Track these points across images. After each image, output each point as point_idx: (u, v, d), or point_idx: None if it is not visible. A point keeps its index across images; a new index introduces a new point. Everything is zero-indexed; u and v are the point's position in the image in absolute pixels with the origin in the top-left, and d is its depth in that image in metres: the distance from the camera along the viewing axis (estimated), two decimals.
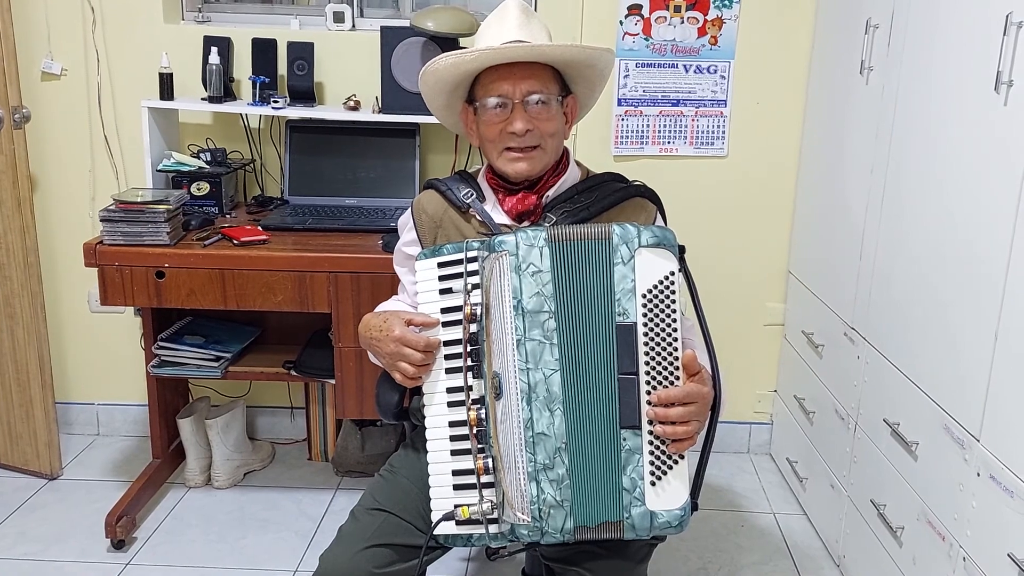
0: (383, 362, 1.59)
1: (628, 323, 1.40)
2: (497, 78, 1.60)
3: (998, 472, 1.60)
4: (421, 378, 1.52)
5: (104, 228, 2.34)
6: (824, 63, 2.65)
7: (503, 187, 1.69)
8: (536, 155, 1.63)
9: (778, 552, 2.51)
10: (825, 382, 2.52)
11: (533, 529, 1.41)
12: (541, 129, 1.61)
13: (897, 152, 2.08)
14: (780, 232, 2.91)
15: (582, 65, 1.65)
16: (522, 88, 1.59)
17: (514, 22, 1.63)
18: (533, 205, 1.65)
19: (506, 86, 1.59)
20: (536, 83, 1.60)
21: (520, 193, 1.66)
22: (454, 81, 1.65)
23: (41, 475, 2.81)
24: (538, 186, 1.67)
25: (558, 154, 1.69)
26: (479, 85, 1.64)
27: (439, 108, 1.74)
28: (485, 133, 1.65)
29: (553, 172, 1.68)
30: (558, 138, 1.66)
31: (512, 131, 1.59)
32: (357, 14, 2.90)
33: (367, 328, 1.62)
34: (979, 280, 1.69)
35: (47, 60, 2.80)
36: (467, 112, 1.70)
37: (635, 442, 1.39)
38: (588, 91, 1.74)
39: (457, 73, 1.62)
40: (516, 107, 1.60)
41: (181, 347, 2.61)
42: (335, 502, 2.72)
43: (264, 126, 2.86)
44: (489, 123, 1.62)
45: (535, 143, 1.61)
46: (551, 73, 1.64)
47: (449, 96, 1.70)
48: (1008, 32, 1.59)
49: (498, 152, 1.64)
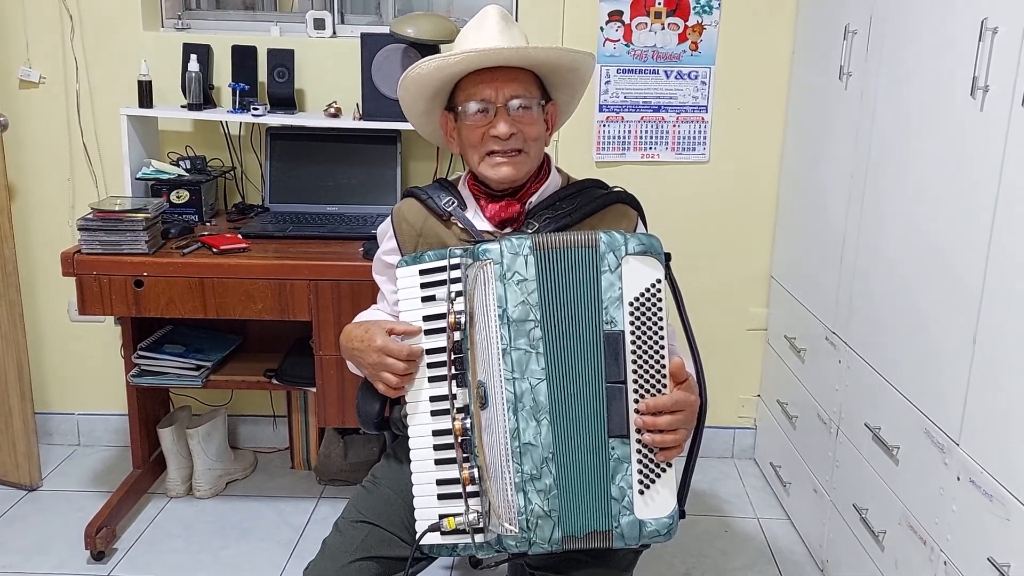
0: (365, 372, 1.58)
1: (616, 331, 1.39)
2: (479, 83, 1.60)
3: (977, 476, 1.61)
4: (404, 388, 1.51)
5: (82, 237, 2.33)
6: (804, 68, 2.66)
7: (485, 194, 1.68)
8: (520, 159, 1.62)
9: (762, 557, 2.51)
10: (807, 387, 2.53)
11: (520, 540, 1.39)
12: (524, 133, 1.60)
13: (876, 157, 2.09)
14: (762, 237, 2.92)
15: (565, 69, 1.65)
16: (505, 92, 1.59)
17: (494, 28, 1.62)
18: (516, 212, 1.64)
19: (488, 91, 1.59)
20: (518, 87, 1.60)
21: (503, 200, 1.65)
22: (436, 86, 1.64)
23: (21, 486, 2.78)
24: (520, 193, 1.66)
25: (540, 160, 1.69)
26: (460, 91, 1.63)
27: (418, 115, 1.73)
28: (467, 138, 1.63)
29: (535, 178, 1.68)
30: (540, 143, 1.66)
31: (495, 135, 1.58)
32: (338, 21, 2.89)
33: (348, 339, 1.61)
34: (957, 285, 1.69)
35: (25, 68, 2.77)
36: (447, 119, 1.69)
37: (623, 451, 1.39)
38: (568, 97, 1.74)
39: (440, 77, 1.61)
40: (499, 111, 1.59)
41: (161, 356, 2.59)
42: (318, 511, 2.70)
43: (244, 133, 2.84)
44: (472, 128, 1.61)
45: (518, 147, 1.61)
46: (532, 78, 1.64)
47: (429, 102, 1.69)
48: (983, 37, 1.60)
49: (481, 157, 1.63)
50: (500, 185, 1.65)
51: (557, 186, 1.72)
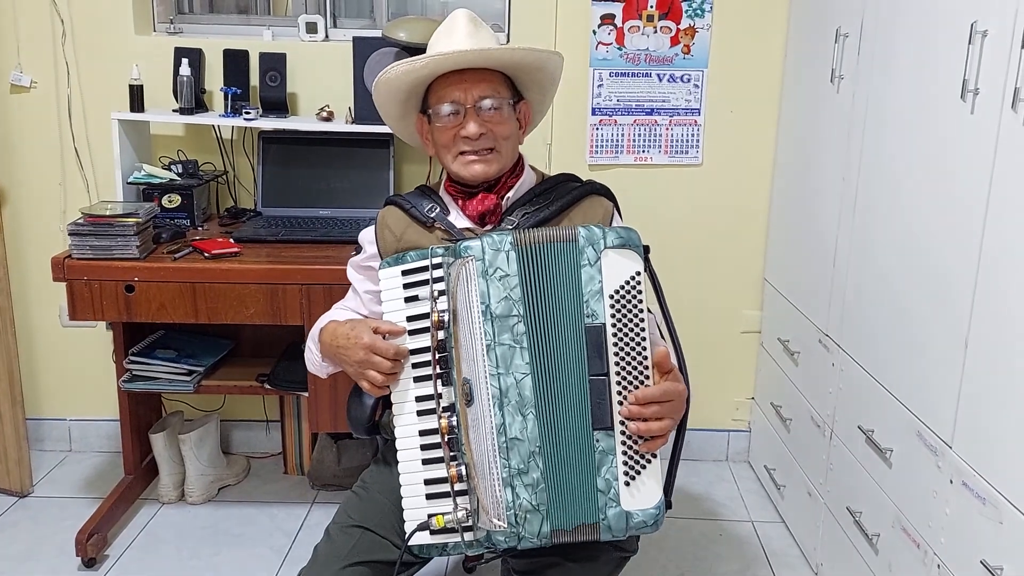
0: (349, 370, 1.58)
1: (597, 324, 1.40)
2: (448, 85, 1.63)
3: (970, 479, 1.60)
4: (388, 387, 1.52)
5: (72, 242, 2.31)
6: (796, 72, 2.67)
7: (462, 192, 1.70)
8: (492, 157, 1.65)
9: (756, 560, 2.51)
10: (801, 389, 2.53)
11: (510, 535, 1.40)
12: (495, 132, 1.63)
13: (867, 160, 2.09)
14: (755, 239, 2.92)
15: (532, 68, 1.68)
16: (474, 93, 1.62)
17: (463, 32, 1.65)
18: (493, 204, 1.67)
19: (458, 92, 1.62)
20: (488, 88, 1.63)
21: (479, 194, 1.68)
22: (407, 90, 1.67)
23: (11, 493, 2.76)
24: (496, 187, 1.69)
25: (514, 158, 1.72)
26: (431, 94, 1.67)
27: (393, 119, 1.76)
28: (439, 139, 1.67)
29: (511, 174, 1.71)
30: (512, 141, 1.69)
31: (465, 135, 1.62)
32: (331, 25, 2.89)
33: (334, 336, 1.61)
34: (948, 287, 1.70)
35: (16, 72, 2.76)
36: (421, 121, 1.73)
37: (608, 443, 1.40)
38: (540, 96, 1.77)
39: (409, 81, 1.64)
40: (469, 112, 1.62)
41: (153, 361, 2.58)
42: (311, 516, 2.69)
43: (236, 137, 2.84)
44: (443, 129, 1.65)
45: (490, 145, 1.64)
46: (502, 78, 1.67)
47: (403, 106, 1.72)
48: (973, 41, 1.60)
49: (453, 156, 1.66)
50: (474, 181, 1.67)
51: (532, 183, 1.75)
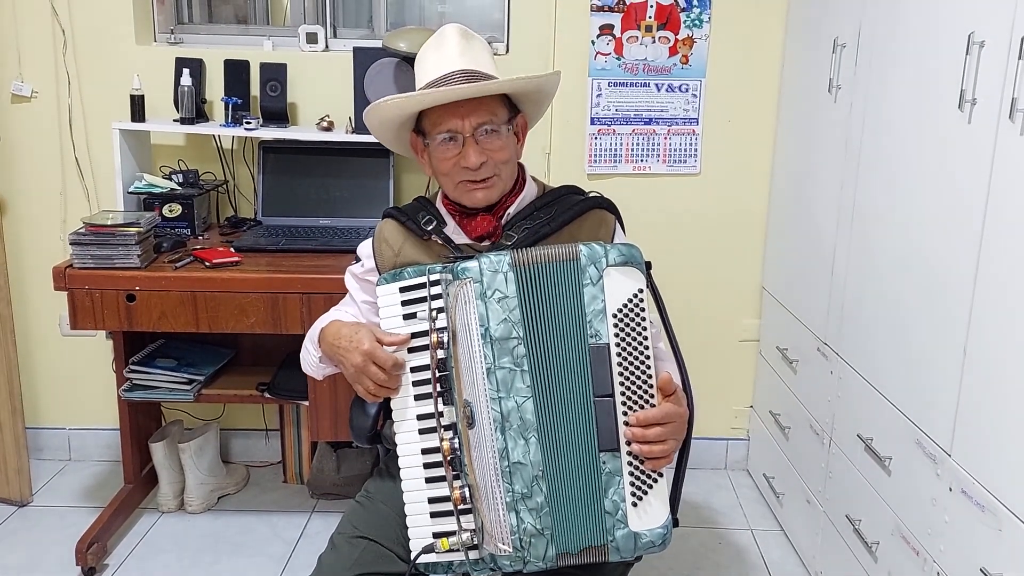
0: (345, 371, 1.57)
1: (601, 344, 1.38)
2: (444, 113, 1.57)
3: (969, 487, 1.61)
4: (380, 396, 1.51)
5: (74, 251, 2.32)
6: (794, 81, 2.68)
7: (460, 212, 1.66)
8: (492, 182, 1.60)
9: (756, 569, 2.51)
10: (800, 398, 2.53)
11: (515, 559, 1.38)
12: (494, 159, 1.58)
13: (865, 169, 2.10)
14: (754, 248, 2.93)
15: (529, 91, 1.64)
16: (471, 121, 1.56)
17: (455, 49, 1.59)
18: (493, 227, 1.63)
19: (455, 121, 1.56)
20: (485, 114, 1.57)
21: (479, 216, 1.64)
22: (399, 120, 1.63)
23: (11, 502, 2.76)
24: (496, 208, 1.65)
25: (514, 178, 1.67)
26: (427, 119, 1.61)
27: (388, 141, 1.72)
28: (439, 167, 1.62)
29: (511, 192, 1.66)
30: (512, 164, 1.64)
31: (466, 165, 1.57)
32: (331, 35, 2.90)
33: (336, 336, 1.59)
34: (947, 296, 1.70)
35: (17, 82, 2.77)
36: (417, 141, 1.67)
37: (615, 464, 1.38)
38: (536, 108, 1.72)
39: (401, 114, 1.61)
40: (467, 140, 1.56)
41: (153, 370, 2.58)
42: (310, 525, 2.69)
43: (237, 147, 2.85)
44: (442, 158, 1.60)
45: (490, 174, 1.59)
46: (498, 100, 1.61)
47: (397, 131, 1.68)
48: (970, 51, 1.61)
49: (454, 184, 1.62)
50: (476, 207, 1.63)
51: (534, 195, 1.70)
